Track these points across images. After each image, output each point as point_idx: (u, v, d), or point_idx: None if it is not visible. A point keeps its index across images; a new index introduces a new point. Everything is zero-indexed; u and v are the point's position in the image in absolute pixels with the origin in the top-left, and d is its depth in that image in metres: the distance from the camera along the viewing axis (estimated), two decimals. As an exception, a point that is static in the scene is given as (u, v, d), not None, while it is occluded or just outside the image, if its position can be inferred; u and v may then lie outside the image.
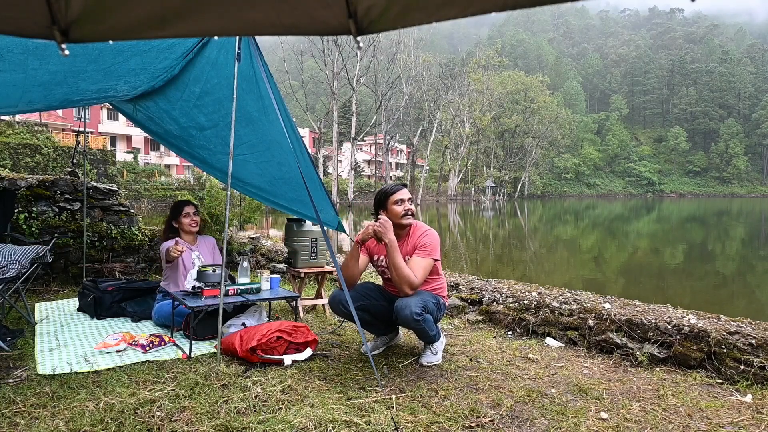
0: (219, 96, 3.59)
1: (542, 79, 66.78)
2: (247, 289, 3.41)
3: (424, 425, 2.20)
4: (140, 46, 3.13)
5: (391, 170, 57.61)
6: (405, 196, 3.03)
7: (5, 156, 22.56)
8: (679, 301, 5.56)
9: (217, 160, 4.35)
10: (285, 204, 4.32)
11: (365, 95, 59.75)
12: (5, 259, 3.71)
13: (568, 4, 0.93)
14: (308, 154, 3.47)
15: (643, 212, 43.00)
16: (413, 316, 2.75)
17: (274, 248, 6.31)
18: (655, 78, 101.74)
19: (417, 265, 2.88)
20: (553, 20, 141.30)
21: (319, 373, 2.82)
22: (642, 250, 17.77)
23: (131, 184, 31.22)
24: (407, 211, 3.02)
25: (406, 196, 3.05)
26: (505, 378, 2.82)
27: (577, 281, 11.00)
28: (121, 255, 5.55)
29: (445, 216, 36.21)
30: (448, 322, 4.07)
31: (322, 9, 1.02)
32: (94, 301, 4.03)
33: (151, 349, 3.12)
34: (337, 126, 40.82)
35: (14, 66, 2.88)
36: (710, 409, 2.46)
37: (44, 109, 4.51)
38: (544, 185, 74.08)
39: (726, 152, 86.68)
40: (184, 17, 1.04)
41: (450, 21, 0.99)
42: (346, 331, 3.71)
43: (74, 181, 5.57)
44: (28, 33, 1.06)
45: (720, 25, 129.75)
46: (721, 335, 2.94)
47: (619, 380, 2.84)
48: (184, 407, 2.30)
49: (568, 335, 3.55)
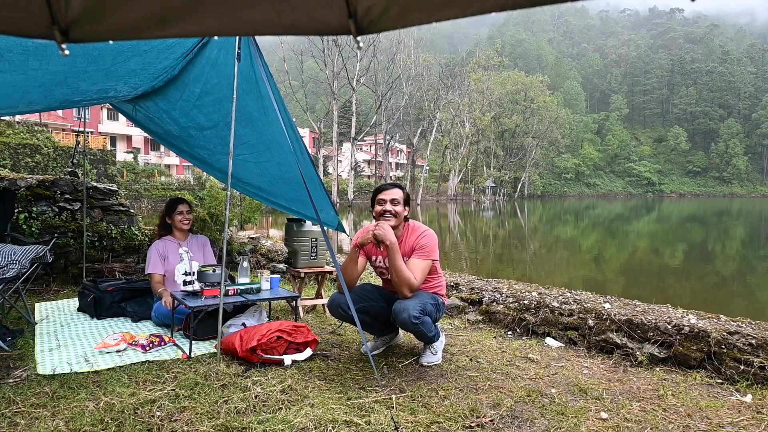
0: (219, 96, 3.59)
1: (542, 79, 66.79)
2: (247, 289, 3.41)
3: (424, 425, 2.20)
4: (140, 47, 3.13)
5: (391, 170, 57.62)
6: (387, 197, 2.95)
7: (5, 156, 22.57)
8: (679, 301, 5.56)
9: (216, 160, 4.35)
10: (285, 204, 4.32)
11: (365, 95, 59.75)
12: (5, 259, 3.71)
13: (568, 4, 0.93)
14: (308, 154, 3.47)
15: (643, 212, 42.99)
16: (411, 320, 2.75)
17: (274, 248, 6.31)
18: (655, 78, 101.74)
19: (416, 267, 2.88)
20: (553, 20, 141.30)
21: (319, 373, 2.82)
22: (642, 250, 17.77)
23: (131, 184, 31.24)
24: (385, 212, 2.93)
25: (389, 196, 2.95)
26: (505, 378, 2.82)
27: (577, 281, 11.01)
28: (121, 255, 5.55)
29: (445, 216, 36.21)
30: (448, 322, 4.07)
31: (322, 9, 1.02)
32: (94, 301, 4.02)
33: (151, 349, 3.12)
34: (337, 126, 40.83)
35: (14, 67, 2.88)
36: (710, 409, 2.46)
37: (44, 109, 4.51)
38: (544, 185, 74.08)
39: (726, 152, 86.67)
40: (184, 17, 1.04)
41: (450, 21, 0.99)
42: (346, 331, 3.71)
43: (74, 181, 5.57)
44: (28, 33, 1.06)
45: (720, 25, 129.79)
46: (721, 335, 2.94)
47: (619, 380, 2.84)
48: (184, 407, 2.30)
49: (568, 335, 3.55)
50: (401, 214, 2.98)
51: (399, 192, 3.00)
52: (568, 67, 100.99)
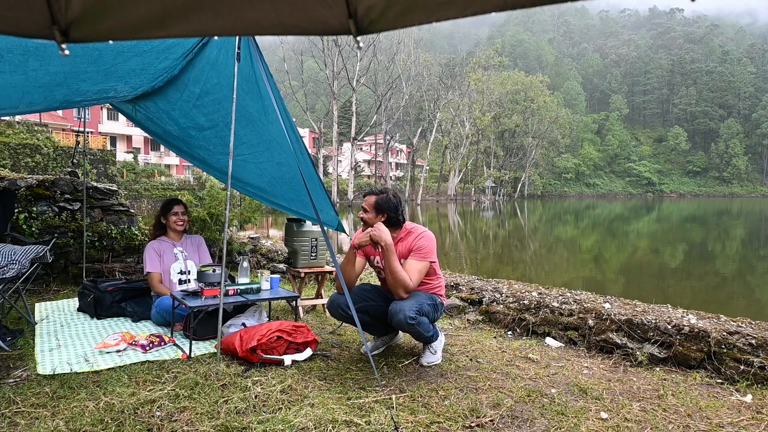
0: (218, 96, 3.59)
1: (542, 79, 66.75)
2: (247, 289, 3.41)
3: (424, 425, 2.20)
4: (140, 47, 3.13)
5: (391, 170, 57.60)
6: (366, 204, 3.03)
7: (5, 156, 22.55)
8: (679, 301, 5.56)
9: (216, 160, 4.35)
10: (285, 204, 4.32)
11: (365, 95, 59.75)
12: (5, 259, 3.71)
13: (568, 4, 0.93)
14: (308, 154, 3.47)
15: (643, 212, 42.99)
16: (407, 320, 2.76)
17: (274, 248, 6.31)
18: (655, 78, 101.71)
19: (412, 268, 2.88)
20: (553, 20, 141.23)
21: (319, 373, 2.82)
22: (642, 250, 17.77)
23: (131, 184, 31.23)
24: (361, 218, 3.05)
25: (365, 203, 3.04)
26: (505, 378, 2.83)
27: (577, 281, 11.01)
28: (121, 255, 5.55)
29: (445, 216, 36.20)
30: (448, 322, 4.07)
31: (322, 9, 1.02)
32: (94, 301, 4.02)
33: (151, 349, 3.12)
34: (337, 126, 40.84)
35: (14, 67, 2.88)
36: (710, 409, 2.46)
37: (45, 109, 4.51)
38: (544, 185, 74.06)
39: (726, 152, 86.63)
40: (184, 17, 1.04)
41: (450, 21, 0.99)
42: (346, 331, 3.71)
43: (74, 181, 5.57)
44: (28, 33, 1.06)
45: (720, 25, 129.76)
46: (721, 335, 2.94)
47: (619, 380, 2.84)
48: (184, 407, 2.31)
49: (568, 335, 3.55)
50: (371, 221, 3.01)
51: (372, 198, 3.04)
52: (568, 67, 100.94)
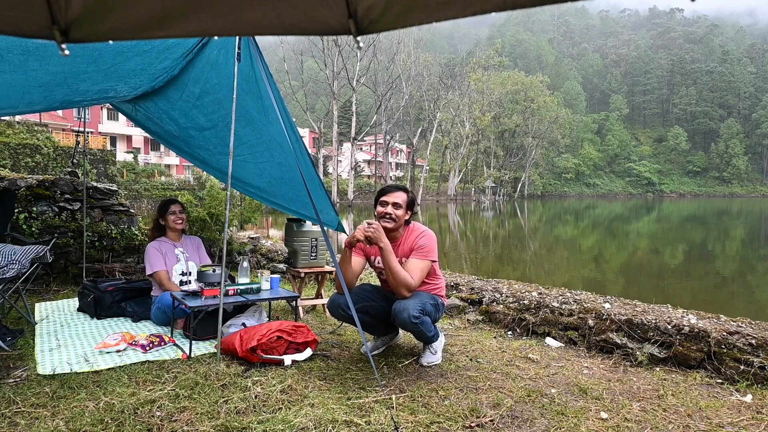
0: (218, 96, 3.59)
1: (542, 79, 66.73)
2: (247, 289, 3.41)
3: (424, 425, 2.20)
4: (140, 47, 3.13)
5: (391, 170, 57.61)
6: (390, 199, 2.93)
7: (5, 156, 22.54)
8: (679, 301, 5.56)
9: (216, 160, 4.35)
10: (285, 204, 4.32)
11: (365, 95, 59.74)
12: (5, 259, 3.71)
13: (568, 4, 0.93)
14: (308, 154, 3.47)
15: (643, 212, 42.99)
16: (411, 319, 2.75)
17: (274, 248, 6.31)
18: (655, 78, 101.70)
19: (414, 267, 2.87)
20: (553, 20, 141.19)
21: (319, 373, 2.82)
22: (642, 250, 17.77)
23: (131, 184, 31.23)
24: (386, 215, 2.91)
25: (392, 199, 2.93)
26: (505, 378, 2.82)
27: (577, 281, 11.01)
28: (121, 255, 5.55)
29: (445, 216, 36.20)
30: (448, 322, 4.07)
31: (322, 9, 1.02)
32: (94, 301, 4.02)
33: (151, 349, 3.12)
34: (337, 126, 40.82)
35: (14, 67, 2.88)
36: (710, 409, 2.46)
37: (45, 109, 4.52)
38: (544, 185, 74.05)
39: (726, 152, 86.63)
40: (184, 17, 1.04)
41: (450, 21, 0.99)
42: (346, 331, 3.71)
43: (74, 181, 5.57)
44: (28, 33, 1.06)
45: (720, 26, 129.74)
46: (721, 335, 2.94)
47: (619, 380, 2.84)
48: (184, 407, 2.31)
49: (568, 335, 3.55)
50: (401, 219, 2.96)
51: (403, 195, 2.97)
52: (568, 67, 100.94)
